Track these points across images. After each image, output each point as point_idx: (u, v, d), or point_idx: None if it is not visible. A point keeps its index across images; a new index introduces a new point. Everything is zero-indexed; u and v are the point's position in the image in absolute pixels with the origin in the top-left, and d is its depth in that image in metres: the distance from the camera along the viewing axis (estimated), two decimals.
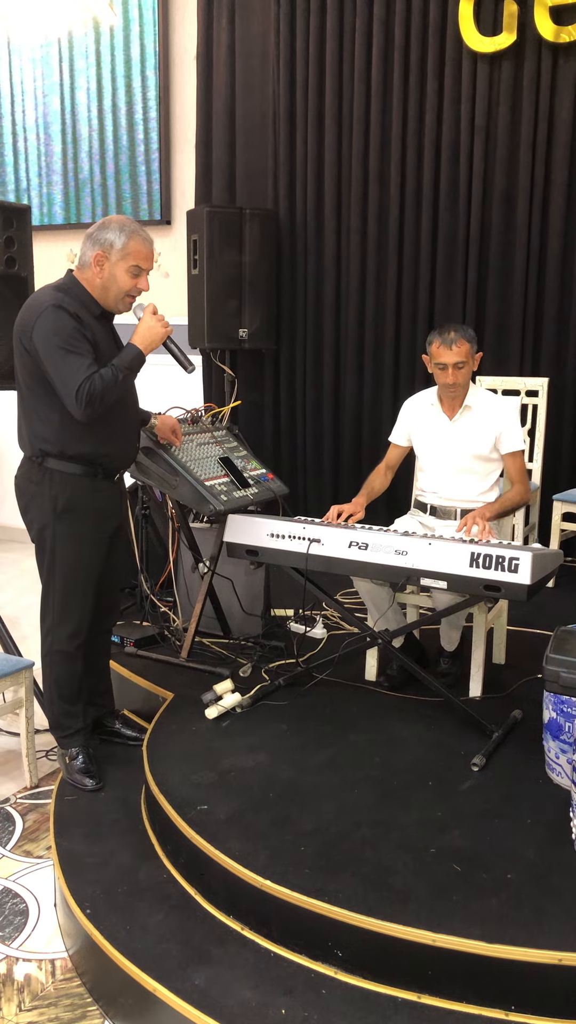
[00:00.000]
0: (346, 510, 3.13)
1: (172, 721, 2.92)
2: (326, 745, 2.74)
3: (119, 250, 2.57)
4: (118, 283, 2.60)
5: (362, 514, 3.17)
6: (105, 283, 2.60)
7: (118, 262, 2.58)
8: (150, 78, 5.61)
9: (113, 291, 2.60)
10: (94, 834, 2.56)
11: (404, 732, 2.83)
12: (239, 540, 2.95)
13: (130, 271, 2.59)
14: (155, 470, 3.17)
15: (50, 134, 6.01)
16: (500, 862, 2.15)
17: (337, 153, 5.03)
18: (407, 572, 2.67)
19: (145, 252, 2.60)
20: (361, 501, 3.24)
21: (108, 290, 2.61)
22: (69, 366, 2.47)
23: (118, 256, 2.57)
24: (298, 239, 5.19)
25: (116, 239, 2.57)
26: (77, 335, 2.51)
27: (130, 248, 2.57)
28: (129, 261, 2.58)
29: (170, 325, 2.65)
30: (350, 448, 5.24)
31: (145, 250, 2.60)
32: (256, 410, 5.48)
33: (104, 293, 2.61)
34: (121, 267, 2.58)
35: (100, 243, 2.58)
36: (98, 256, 2.59)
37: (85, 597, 2.73)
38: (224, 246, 4.90)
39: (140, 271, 2.60)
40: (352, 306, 5.07)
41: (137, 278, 2.60)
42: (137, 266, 2.59)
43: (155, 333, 2.61)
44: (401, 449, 3.41)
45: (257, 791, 2.47)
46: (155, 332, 2.61)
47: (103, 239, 2.58)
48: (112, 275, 2.59)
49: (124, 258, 2.58)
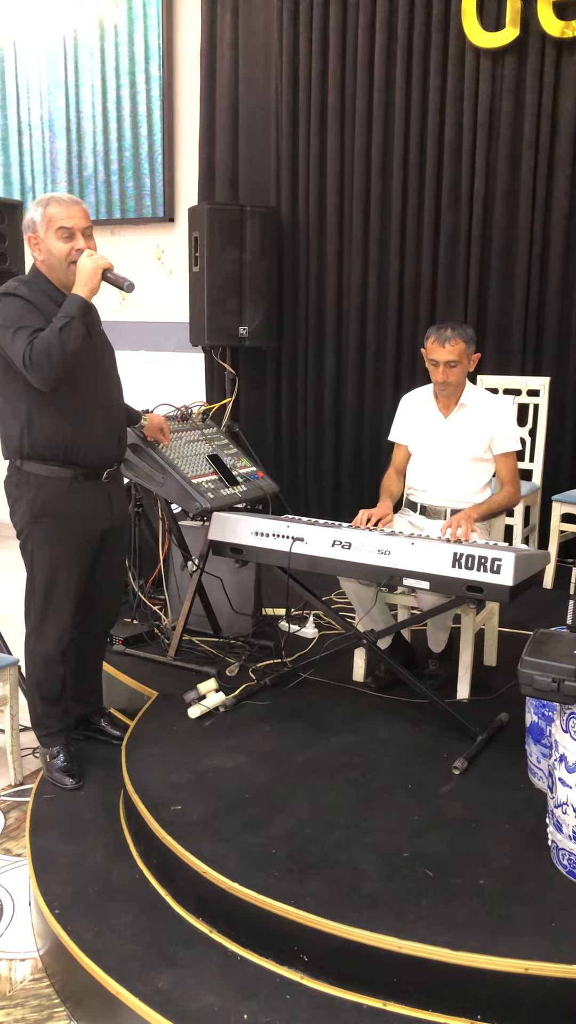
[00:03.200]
0: (375, 514, 3.05)
1: (154, 720, 2.90)
2: (307, 746, 2.71)
3: (41, 222, 2.54)
4: (54, 254, 2.55)
5: (391, 517, 3.10)
6: (47, 261, 2.57)
7: (46, 234, 2.55)
8: (154, 75, 5.60)
9: (56, 265, 2.56)
10: (69, 833, 2.54)
11: (388, 734, 2.80)
12: (223, 538, 2.92)
13: (59, 237, 2.54)
14: (142, 467, 3.15)
15: (55, 132, 6.01)
16: (473, 868, 2.12)
17: (339, 150, 4.99)
18: (390, 572, 2.63)
19: (65, 212, 2.54)
20: (388, 504, 3.18)
21: (53, 267, 2.57)
22: (17, 341, 2.44)
23: (43, 229, 2.55)
24: (300, 236, 5.16)
25: (35, 214, 2.55)
26: (24, 312, 2.48)
27: (48, 215, 2.54)
28: (53, 226, 2.53)
29: (104, 258, 2.55)
30: (351, 446, 5.20)
31: (64, 211, 2.54)
32: (257, 408, 5.45)
33: (54, 273, 2.58)
34: (50, 237, 2.54)
35: (28, 227, 2.57)
36: (31, 239, 2.58)
37: (66, 602, 2.70)
38: (225, 243, 4.87)
39: (69, 233, 2.54)
40: (353, 304, 5.03)
41: (70, 241, 2.54)
42: (63, 228, 2.53)
43: (87, 270, 2.51)
44: (405, 448, 3.34)
45: (233, 792, 2.45)
46: (87, 269, 2.51)
47: (27, 222, 2.57)
48: (48, 250, 2.56)
49: (48, 227, 2.54)
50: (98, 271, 2.53)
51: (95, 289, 2.55)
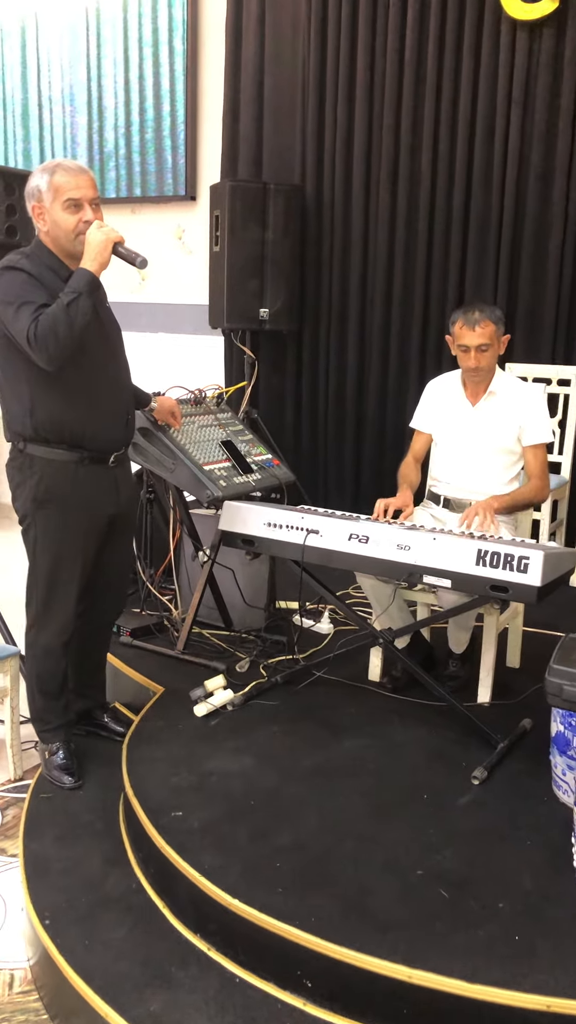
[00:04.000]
0: (394, 504, 2.89)
1: (159, 717, 2.77)
2: (318, 750, 2.57)
3: (47, 191, 2.40)
4: (61, 226, 2.41)
5: (412, 509, 2.95)
6: (52, 233, 2.43)
7: (52, 204, 2.40)
8: (177, 48, 5.43)
9: (62, 237, 2.42)
10: (65, 836, 2.41)
11: (403, 738, 2.65)
12: (235, 528, 2.78)
13: (66, 207, 2.39)
14: (152, 452, 3.02)
15: (75, 106, 5.86)
16: (492, 889, 1.97)
17: (367, 127, 4.81)
18: (409, 568, 2.48)
19: (73, 182, 2.39)
20: (408, 494, 3.01)
21: (59, 239, 2.43)
22: (20, 317, 2.30)
23: (49, 198, 2.40)
24: (324, 216, 4.99)
25: (40, 182, 2.41)
26: (27, 287, 2.35)
27: (55, 183, 2.39)
28: (60, 197, 2.39)
29: (115, 231, 2.41)
30: (373, 433, 5.04)
31: (72, 180, 2.39)
32: (277, 393, 5.30)
33: (59, 245, 2.44)
34: (56, 208, 2.40)
35: (31, 195, 2.43)
36: (35, 209, 2.43)
37: (69, 592, 2.57)
38: (247, 222, 4.71)
39: (77, 203, 2.40)
40: (378, 286, 4.86)
41: (77, 212, 2.40)
42: (70, 199, 2.39)
43: (97, 243, 2.36)
44: (426, 437, 3.19)
45: (238, 798, 2.31)
46: (97, 242, 2.36)
47: (31, 190, 2.43)
48: (53, 221, 2.41)
49: (55, 197, 2.39)
50: (109, 244, 2.39)
51: (105, 263, 2.41)
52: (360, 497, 5.13)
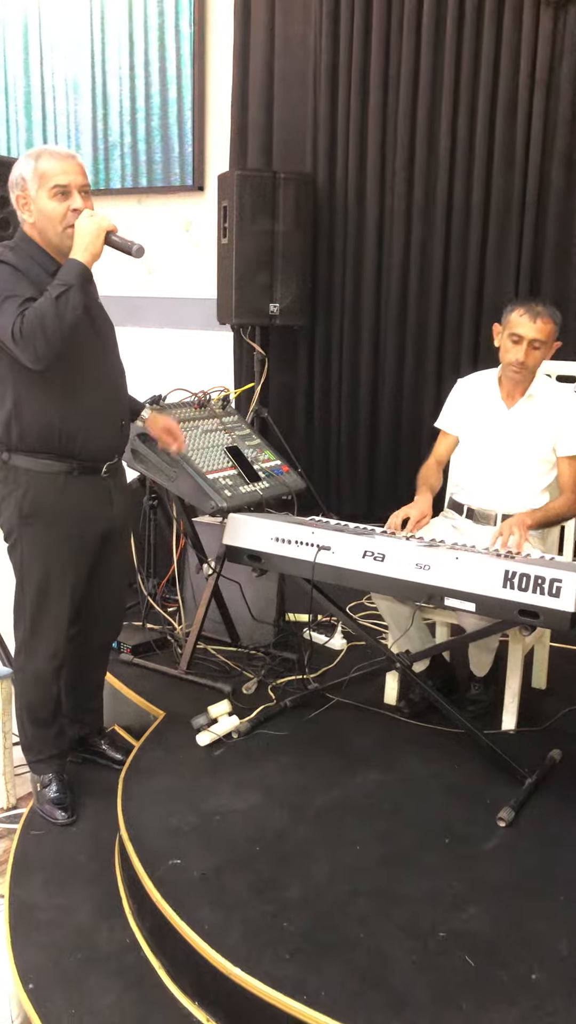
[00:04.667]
0: (413, 515, 2.67)
1: (158, 747, 2.58)
2: (330, 785, 2.37)
3: (32, 179, 2.20)
4: (48, 215, 2.22)
5: (430, 516, 2.74)
6: (39, 224, 2.24)
7: (37, 192, 2.21)
8: (184, 31, 5.21)
9: (49, 228, 2.23)
10: (55, 881, 2.22)
11: (422, 772, 2.45)
12: (240, 543, 2.58)
13: (53, 196, 2.20)
14: (153, 459, 2.82)
15: (79, 93, 5.65)
16: (524, 956, 1.77)
17: (382, 112, 4.58)
18: (429, 590, 2.27)
19: (60, 167, 2.20)
20: (427, 499, 2.80)
21: (46, 231, 2.24)
22: (4, 312, 2.11)
23: (34, 186, 2.21)
24: (337, 206, 4.76)
25: (24, 170, 2.22)
26: (11, 280, 2.16)
27: (40, 170, 2.20)
28: (46, 184, 2.20)
29: (108, 218, 2.22)
30: (388, 434, 4.83)
31: (59, 165, 2.20)
32: (288, 391, 5.08)
33: (46, 237, 2.25)
34: (43, 196, 2.21)
35: (15, 185, 2.24)
36: (19, 199, 2.24)
37: (60, 614, 2.38)
38: (256, 213, 4.50)
39: (64, 190, 2.21)
40: (394, 280, 4.64)
41: (65, 200, 2.21)
42: (57, 185, 2.20)
43: (88, 232, 2.17)
44: (452, 439, 2.96)
45: (241, 843, 2.12)
46: (88, 231, 2.17)
47: (14, 179, 2.24)
48: (40, 211, 2.22)
49: (41, 184, 2.20)
50: (101, 233, 2.19)
51: (97, 254, 2.21)
52: (374, 499, 4.93)
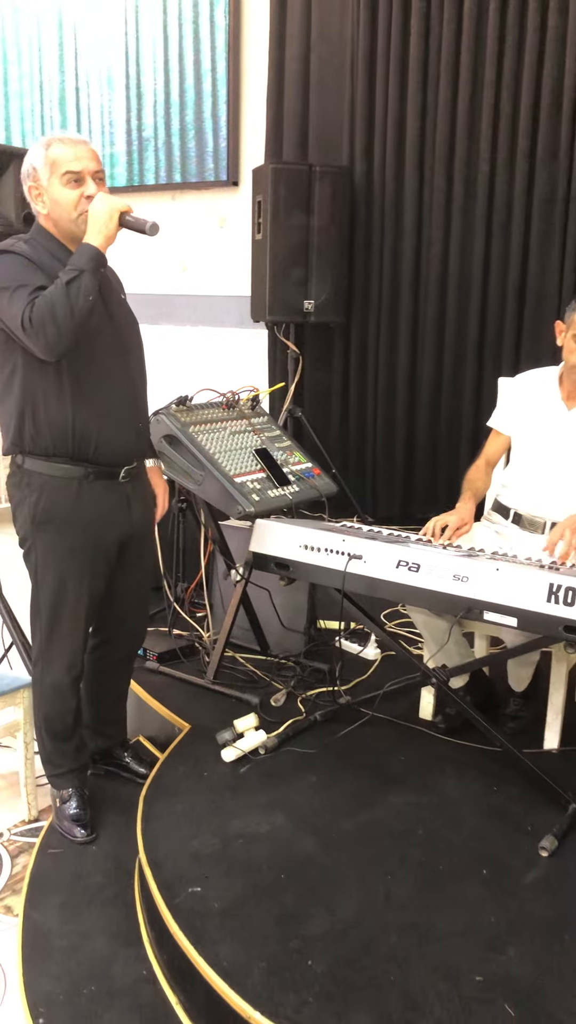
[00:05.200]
0: (453, 523, 2.55)
1: (182, 762, 2.48)
2: (361, 807, 2.25)
3: (43, 167, 2.12)
4: (61, 204, 2.13)
5: (471, 525, 2.60)
6: (53, 214, 2.15)
7: (50, 180, 2.12)
8: (219, 23, 5.11)
9: (64, 217, 2.14)
10: (72, 904, 2.13)
11: (458, 794, 2.32)
12: (267, 551, 2.46)
13: (66, 182, 2.12)
14: (179, 462, 2.72)
15: (113, 88, 5.58)
16: (570, 1003, 1.63)
17: (421, 103, 4.44)
18: (467, 603, 2.13)
19: (71, 153, 2.11)
20: (469, 507, 2.66)
21: (60, 220, 2.15)
22: (15, 301, 2.02)
23: (46, 175, 2.12)
24: (374, 200, 4.63)
25: (35, 159, 2.14)
26: (24, 270, 2.08)
27: (52, 157, 2.11)
28: (58, 171, 2.11)
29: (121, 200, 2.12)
30: (425, 434, 4.69)
31: (70, 151, 2.12)
32: (323, 390, 4.97)
33: (61, 227, 2.16)
34: (55, 184, 2.12)
35: (27, 176, 2.16)
36: (32, 189, 2.16)
37: (75, 624, 2.29)
38: (291, 208, 4.39)
39: (77, 177, 2.12)
40: (432, 276, 4.50)
41: (79, 186, 2.13)
42: (69, 172, 2.11)
43: (101, 214, 2.08)
44: (504, 439, 2.81)
45: (266, 869, 2.00)
46: (101, 213, 2.07)
47: (26, 170, 2.16)
48: (53, 200, 2.14)
49: (52, 172, 2.12)
50: (114, 214, 2.09)
51: (111, 237, 2.11)
52: (411, 501, 4.79)
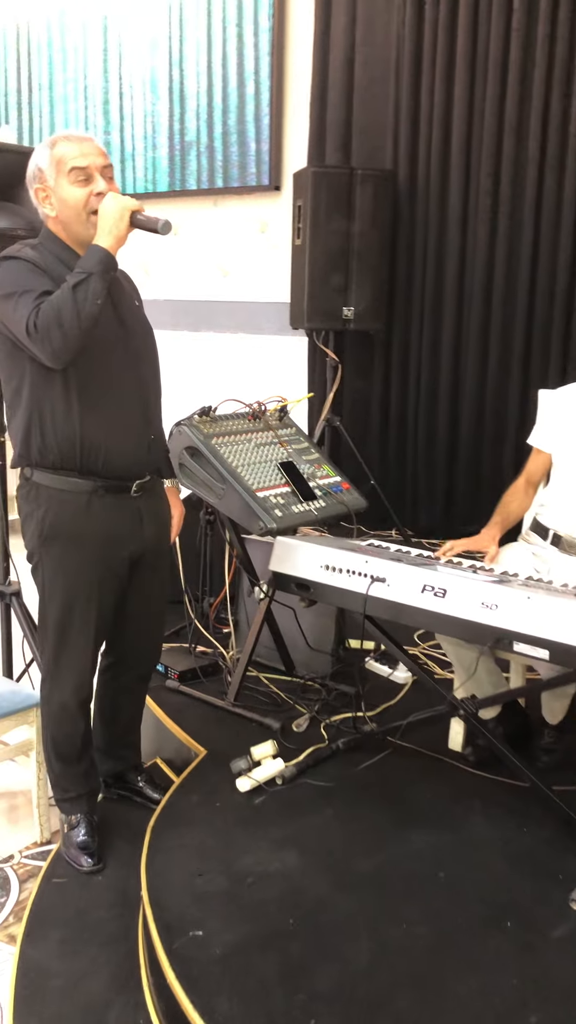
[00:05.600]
0: (471, 546, 2.42)
1: (195, 789, 2.36)
2: (379, 846, 2.11)
3: (49, 167, 2.03)
4: (69, 204, 2.04)
5: (496, 551, 2.46)
6: (62, 217, 2.06)
7: (57, 180, 2.03)
8: (263, 26, 5.02)
9: (73, 218, 2.05)
10: (72, 940, 2.03)
11: (485, 834, 2.17)
12: (288, 570, 2.34)
13: (73, 180, 2.02)
14: (201, 475, 2.61)
15: (156, 93, 5.52)
16: None
17: (468, 104, 4.30)
18: (496, 633, 1.99)
19: (77, 150, 2.02)
20: (494, 533, 2.51)
21: (70, 222, 2.06)
22: (20, 308, 1.94)
23: (52, 174, 2.03)
24: (418, 204, 4.49)
25: (41, 160, 2.04)
26: (30, 276, 1.99)
27: (57, 156, 2.02)
28: (64, 169, 2.02)
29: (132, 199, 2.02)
30: (468, 445, 4.53)
31: (76, 147, 2.02)
32: (362, 399, 4.84)
33: (71, 230, 2.07)
34: (62, 183, 2.03)
35: (33, 178, 2.06)
36: (38, 191, 2.06)
37: (84, 644, 2.19)
38: (332, 212, 4.28)
39: (85, 174, 2.03)
40: (477, 282, 4.35)
41: (87, 184, 2.03)
42: (76, 168, 2.02)
43: (112, 213, 1.98)
44: (546, 457, 2.65)
45: (274, 913, 1.88)
46: (111, 212, 1.98)
47: (32, 171, 2.07)
48: (61, 200, 2.04)
49: (59, 171, 2.02)
50: (125, 213, 2.00)
51: (122, 238, 2.01)
52: (452, 516, 4.63)
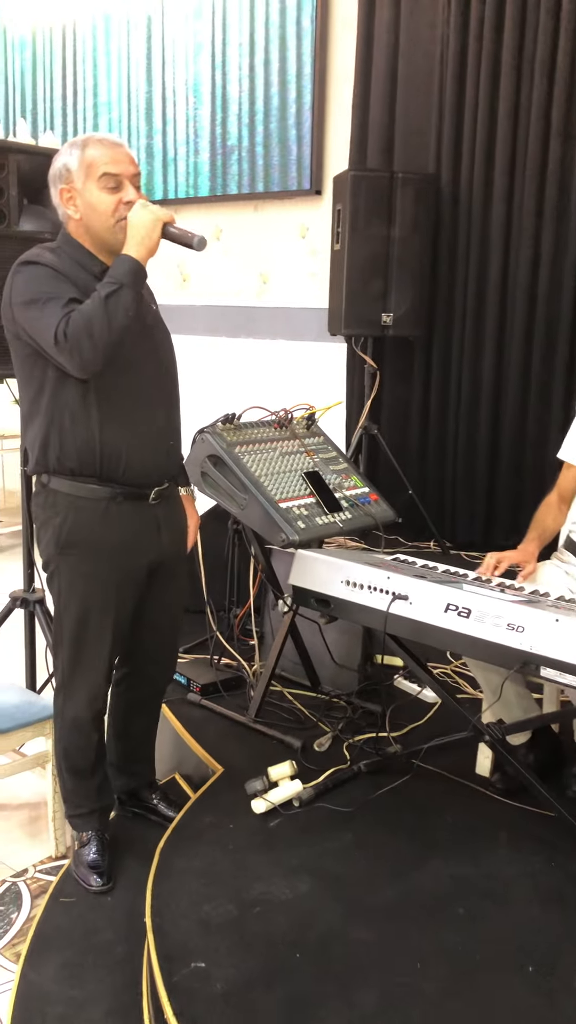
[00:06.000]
0: (509, 560, 2.35)
1: (209, 809, 2.29)
2: (397, 876, 2.01)
3: (78, 169, 1.97)
4: (97, 209, 1.98)
5: (534, 566, 2.38)
6: (86, 220, 2.01)
7: (85, 183, 1.98)
8: (306, 27, 4.96)
9: (98, 223, 1.99)
10: (75, 964, 1.96)
11: (511, 869, 2.05)
12: (308, 585, 2.25)
13: (103, 186, 1.97)
14: (223, 484, 2.54)
15: (199, 97, 5.49)
16: None
17: (514, 104, 4.19)
18: (523, 656, 1.88)
19: (109, 155, 1.97)
20: (531, 549, 2.44)
21: (94, 227, 2.00)
22: (46, 315, 1.89)
23: (81, 177, 1.97)
24: (460, 208, 4.39)
25: (69, 159, 1.98)
26: (53, 282, 1.94)
27: (88, 158, 1.97)
28: (95, 174, 1.96)
29: (164, 209, 1.98)
30: (510, 456, 4.41)
31: (108, 153, 1.97)
32: (401, 407, 4.74)
33: (94, 234, 2.02)
34: (91, 187, 1.97)
35: (58, 178, 2.00)
36: (63, 192, 2.00)
37: (99, 655, 2.13)
38: (371, 217, 4.20)
39: (117, 179, 1.97)
40: (520, 287, 4.23)
41: (118, 191, 1.98)
42: (107, 174, 1.96)
43: (143, 224, 1.93)
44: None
45: (281, 947, 1.79)
46: (143, 223, 1.93)
47: (58, 171, 2.01)
48: (88, 204, 1.99)
49: (88, 174, 1.97)
50: (158, 224, 1.95)
51: (153, 249, 1.96)
52: (493, 527, 4.51)
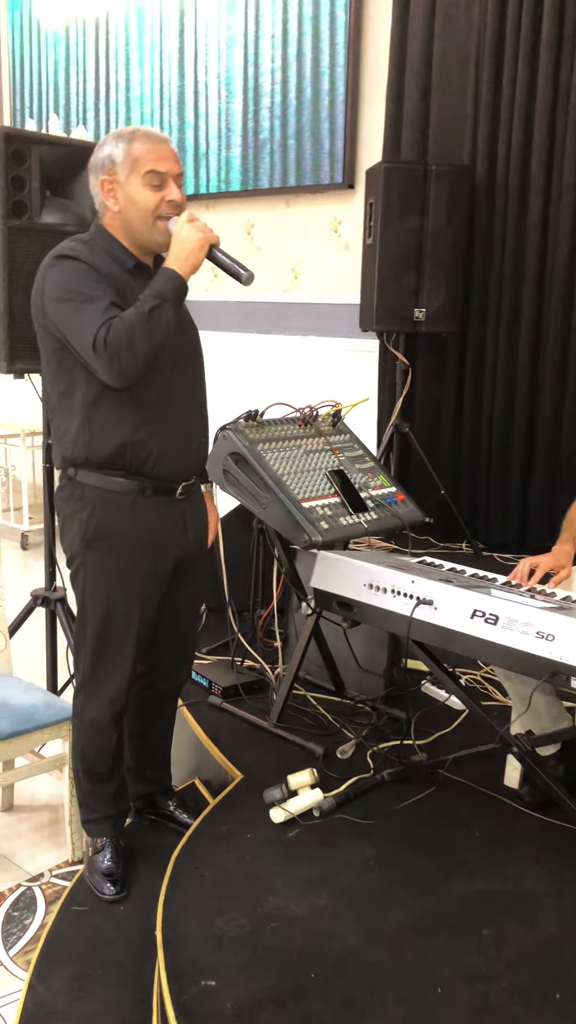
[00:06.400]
0: (544, 565, 2.25)
1: (226, 818, 2.22)
2: (419, 893, 1.93)
3: (123, 162, 1.94)
4: (138, 205, 1.95)
5: (570, 570, 2.29)
6: (125, 214, 1.98)
7: (128, 177, 1.94)
8: (339, 18, 4.87)
9: (137, 219, 1.96)
10: (84, 977, 1.90)
11: (539, 887, 1.96)
12: (329, 588, 2.17)
13: (147, 183, 1.94)
14: (245, 483, 2.47)
15: (231, 90, 5.43)
16: None
17: (552, 94, 4.06)
18: (552, 666, 1.79)
19: (157, 152, 1.94)
20: (567, 549, 2.34)
21: (132, 222, 1.98)
22: (82, 318, 1.86)
23: (125, 170, 1.94)
24: (496, 201, 4.27)
25: (115, 151, 1.95)
26: (89, 280, 1.91)
27: (134, 152, 1.93)
28: (140, 169, 1.93)
29: (212, 231, 1.97)
30: (545, 455, 4.29)
31: (155, 149, 1.94)
32: (434, 405, 4.63)
33: (130, 229, 1.99)
34: (134, 182, 1.94)
35: (100, 167, 1.97)
36: (104, 183, 1.97)
37: (124, 652, 2.09)
38: (404, 210, 4.10)
39: (161, 178, 1.94)
40: (558, 282, 4.11)
41: (161, 189, 1.95)
42: (153, 171, 1.94)
43: (191, 242, 1.92)
44: None
45: (297, 964, 1.72)
46: (191, 241, 1.92)
47: (101, 160, 1.97)
48: (129, 198, 1.96)
49: (133, 169, 1.94)
50: (205, 245, 1.94)
51: (197, 267, 1.96)
52: (527, 530, 4.40)
